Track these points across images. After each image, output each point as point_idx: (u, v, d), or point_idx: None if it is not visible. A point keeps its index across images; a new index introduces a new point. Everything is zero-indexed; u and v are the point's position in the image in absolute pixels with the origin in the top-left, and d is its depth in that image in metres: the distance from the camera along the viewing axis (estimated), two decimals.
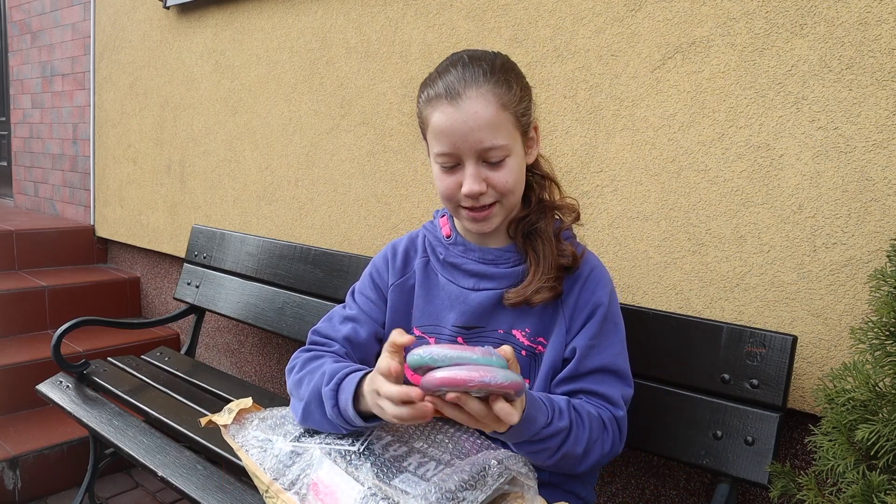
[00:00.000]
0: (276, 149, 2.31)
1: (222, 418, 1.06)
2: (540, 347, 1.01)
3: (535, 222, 1.02)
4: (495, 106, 0.91)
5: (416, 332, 1.07)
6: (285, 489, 0.91)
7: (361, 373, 0.93)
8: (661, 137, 1.41)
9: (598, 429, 0.96)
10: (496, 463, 0.88)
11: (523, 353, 1.01)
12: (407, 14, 1.87)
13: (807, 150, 1.22)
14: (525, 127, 0.98)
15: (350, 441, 0.95)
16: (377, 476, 0.88)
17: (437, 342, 1.05)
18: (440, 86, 0.93)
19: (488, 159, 0.93)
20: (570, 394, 1.00)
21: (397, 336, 0.84)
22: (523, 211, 1.03)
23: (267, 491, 0.93)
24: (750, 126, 1.29)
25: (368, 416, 0.91)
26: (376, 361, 0.90)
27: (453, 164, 0.95)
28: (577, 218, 1.05)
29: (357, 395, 0.91)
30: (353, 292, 1.16)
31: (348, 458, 0.92)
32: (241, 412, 1.07)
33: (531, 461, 0.91)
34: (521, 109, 0.95)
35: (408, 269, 1.11)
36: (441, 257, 1.08)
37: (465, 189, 0.94)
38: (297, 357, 1.09)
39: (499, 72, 0.94)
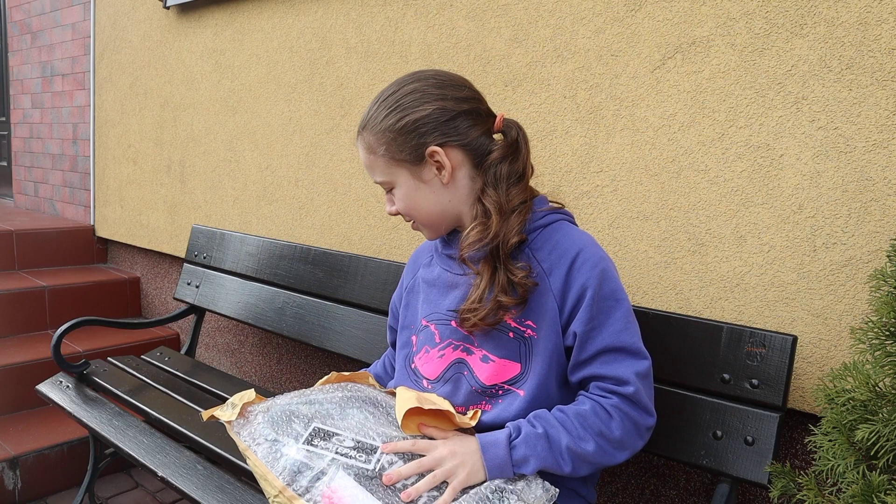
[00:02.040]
0: (276, 149, 2.31)
1: (225, 414, 1.02)
2: (529, 331, 1.02)
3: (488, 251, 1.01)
4: (365, 152, 1.05)
5: (424, 323, 1.12)
6: (300, 495, 0.90)
7: None
8: (661, 137, 1.41)
9: (599, 420, 0.97)
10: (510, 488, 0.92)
11: (511, 335, 1.02)
12: (407, 14, 1.87)
13: (807, 150, 1.22)
14: (412, 158, 1.02)
15: (364, 458, 0.94)
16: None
17: (436, 328, 1.10)
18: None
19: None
20: (582, 381, 1.02)
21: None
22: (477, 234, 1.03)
23: (277, 496, 0.91)
24: (750, 126, 1.29)
25: None
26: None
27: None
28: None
29: None
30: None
31: (361, 474, 0.92)
32: (244, 406, 1.03)
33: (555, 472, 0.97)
34: (395, 148, 1.01)
35: (416, 270, 1.20)
36: (440, 250, 1.14)
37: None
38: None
39: (380, 114, 1.02)
